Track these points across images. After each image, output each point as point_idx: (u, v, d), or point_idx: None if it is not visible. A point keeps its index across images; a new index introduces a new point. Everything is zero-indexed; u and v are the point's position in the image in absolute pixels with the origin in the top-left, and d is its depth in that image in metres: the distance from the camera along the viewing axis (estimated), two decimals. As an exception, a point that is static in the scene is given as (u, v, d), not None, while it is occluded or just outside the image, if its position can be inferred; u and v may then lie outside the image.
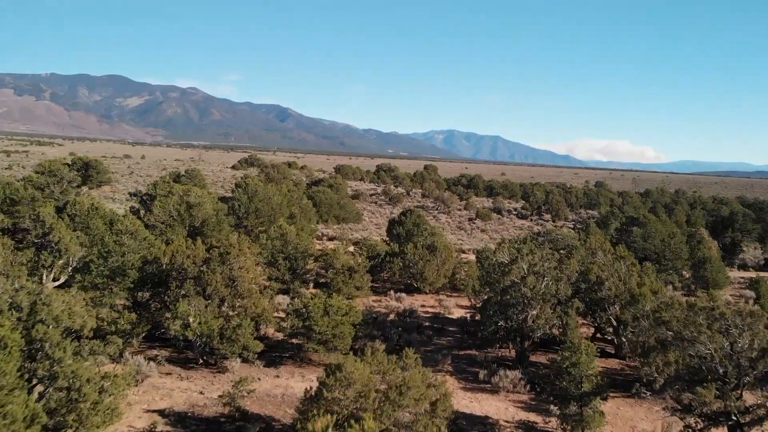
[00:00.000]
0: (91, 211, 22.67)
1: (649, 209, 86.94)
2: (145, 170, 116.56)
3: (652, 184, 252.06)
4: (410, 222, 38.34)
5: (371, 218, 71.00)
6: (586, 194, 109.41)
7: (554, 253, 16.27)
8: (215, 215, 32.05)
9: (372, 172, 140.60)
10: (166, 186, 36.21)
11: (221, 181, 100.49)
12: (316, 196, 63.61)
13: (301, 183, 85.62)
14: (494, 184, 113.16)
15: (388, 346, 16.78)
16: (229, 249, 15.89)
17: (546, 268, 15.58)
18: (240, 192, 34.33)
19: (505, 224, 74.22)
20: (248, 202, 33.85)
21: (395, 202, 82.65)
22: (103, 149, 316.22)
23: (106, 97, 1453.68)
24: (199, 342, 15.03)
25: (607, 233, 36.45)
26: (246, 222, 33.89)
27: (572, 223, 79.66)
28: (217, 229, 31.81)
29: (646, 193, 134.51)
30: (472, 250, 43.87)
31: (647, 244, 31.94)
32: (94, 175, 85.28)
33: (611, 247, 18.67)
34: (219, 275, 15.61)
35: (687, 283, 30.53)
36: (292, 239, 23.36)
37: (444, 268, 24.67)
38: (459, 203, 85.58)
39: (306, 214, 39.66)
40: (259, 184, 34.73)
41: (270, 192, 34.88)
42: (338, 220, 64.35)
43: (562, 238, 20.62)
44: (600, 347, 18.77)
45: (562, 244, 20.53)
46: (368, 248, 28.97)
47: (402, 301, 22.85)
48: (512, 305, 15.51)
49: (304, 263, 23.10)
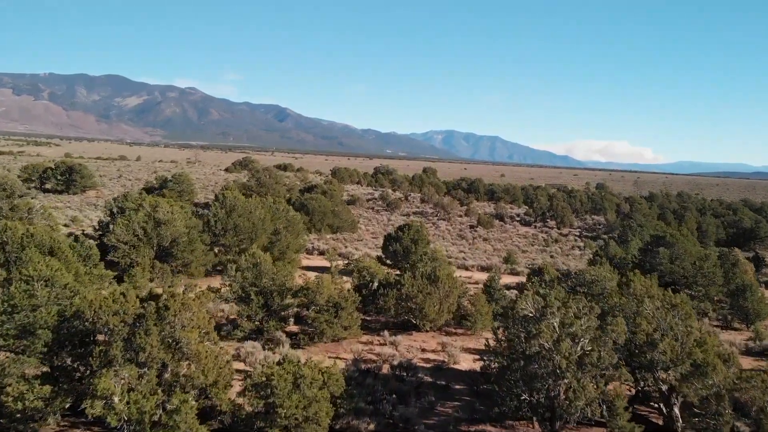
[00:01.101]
0: (26, 238, 18.92)
1: (658, 215, 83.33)
2: (134, 173, 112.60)
3: (654, 186, 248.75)
4: (408, 237, 34.64)
5: (367, 226, 67.19)
6: (590, 198, 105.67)
7: (593, 305, 12.59)
8: (187, 233, 28.25)
9: (369, 174, 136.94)
10: (137, 198, 32.37)
11: (212, 185, 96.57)
12: (308, 204, 59.84)
13: (295, 188, 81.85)
14: (495, 188, 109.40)
15: (379, 425, 13.12)
16: (168, 302, 12.10)
17: (585, 329, 11.90)
18: (217, 206, 30.52)
19: (508, 232, 70.41)
20: (226, 218, 30.06)
21: (393, 208, 78.87)
22: (100, 149, 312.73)
23: (105, 97, 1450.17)
24: (127, 430, 11.25)
25: (626, 251, 32.71)
26: (223, 240, 30.10)
27: (578, 231, 75.96)
28: (189, 249, 28.04)
29: (651, 197, 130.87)
30: (477, 266, 40.08)
31: (675, 266, 28.23)
32: (78, 180, 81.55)
33: (659, 291, 14.96)
34: (155, 337, 11.82)
35: (723, 313, 26.82)
36: (267, 270, 19.59)
37: (447, 302, 20.91)
38: (459, 209, 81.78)
39: (294, 228, 35.85)
40: (238, 196, 30.92)
41: (251, 205, 31.06)
42: (332, 229, 60.56)
43: (598, 281, 16.98)
44: (643, 414, 15.15)
45: (598, 287, 16.84)
46: (359, 273, 25.20)
47: (397, 347, 19.05)
48: (540, 376, 11.85)
49: (281, 299, 19.30)
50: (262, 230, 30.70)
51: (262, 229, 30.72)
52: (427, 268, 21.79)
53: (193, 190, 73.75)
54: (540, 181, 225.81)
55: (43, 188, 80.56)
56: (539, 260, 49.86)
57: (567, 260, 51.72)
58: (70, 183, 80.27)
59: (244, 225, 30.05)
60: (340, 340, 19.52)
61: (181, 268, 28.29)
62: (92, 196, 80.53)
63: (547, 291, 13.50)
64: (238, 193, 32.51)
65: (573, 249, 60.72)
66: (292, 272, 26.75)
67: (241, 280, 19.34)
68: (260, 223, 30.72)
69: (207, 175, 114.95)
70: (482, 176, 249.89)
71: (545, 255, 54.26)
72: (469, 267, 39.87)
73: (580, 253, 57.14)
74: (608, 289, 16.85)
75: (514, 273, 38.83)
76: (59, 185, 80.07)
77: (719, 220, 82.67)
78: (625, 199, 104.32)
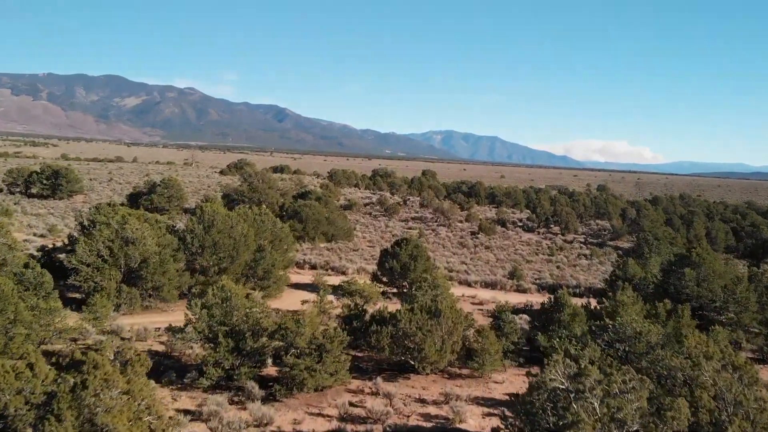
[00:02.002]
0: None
1: (665, 221, 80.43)
2: (126, 176, 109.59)
3: (655, 188, 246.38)
4: (406, 253, 31.67)
5: (364, 233, 64.17)
6: (594, 202, 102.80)
7: (643, 378, 9.71)
8: (159, 252, 25.26)
9: (368, 176, 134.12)
10: (108, 211, 29.36)
11: (204, 189, 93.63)
12: (302, 211, 56.82)
13: (289, 192, 78.86)
14: (497, 192, 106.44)
15: None
16: (88, 375, 9.16)
17: (633, 414, 9.01)
18: (194, 221, 27.54)
19: (511, 238, 67.45)
20: (204, 234, 27.08)
21: (391, 214, 75.88)
22: (97, 150, 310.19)
23: (104, 97, 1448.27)
24: None
25: (645, 270, 29.76)
26: (201, 260, 27.12)
27: (582, 237, 73.08)
28: (160, 271, 25.03)
29: (655, 200, 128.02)
30: (481, 282, 37.06)
31: (703, 290, 25.32)
32: (64, 185, 78.49)
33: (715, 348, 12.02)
34: (71, 425, 8.86)
35: (758, 343, 23.92)
36: (238, 305, 16.66)
37: (451, 339, 17.97)
38: (460, 213, 78.80)
39: (282, 242, 32.88)
40: (218, 209, 27.92)
41: (232, 219, 28.09)
42: (327, 238, 57.57)
43: (643, 334, 14.03)
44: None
45: (642, 346, 13.82)
46: (351, 298, 22.23)
47: (392, 400, 16.04)
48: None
49: (254, 341, 16.34)
50: (244, 247, 27.72)
51: (244, 246, 27.74)
52: (427, 297, 18.92)
53: (183, 196, 70.72)
54: (540, 182, 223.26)
55: (29, 193, 77.55)
56: (546, 272, 46.93)
57: (575, 272, 48.77)
58: (56, 188, 77.27)
59: (224, 242, 27.07)
60: (324, 389, 16.55)
61: (152, 291, 25.34)
62: (79, 201, 77.61)
63: (579, 351, 10.58)
64: (219, 205, 29.48)
65: (579, 258, 57.83)
66: (273, 303, 23.79)
67: (207, 318, 16.41)
68: (242, 240, 27.74)
69: (200, 178, 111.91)
70: (482, 177, 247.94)
71: (551, 266, 51.34)
72: (472, 283, 36.85)
73: (587, 262, 54.25)
74: (653, 343, 13.88)
75: (521, 290, 35.87)
76: (45, 190, 77.06)
77: (728, 225, 79.89)
78: (631, 204, 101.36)
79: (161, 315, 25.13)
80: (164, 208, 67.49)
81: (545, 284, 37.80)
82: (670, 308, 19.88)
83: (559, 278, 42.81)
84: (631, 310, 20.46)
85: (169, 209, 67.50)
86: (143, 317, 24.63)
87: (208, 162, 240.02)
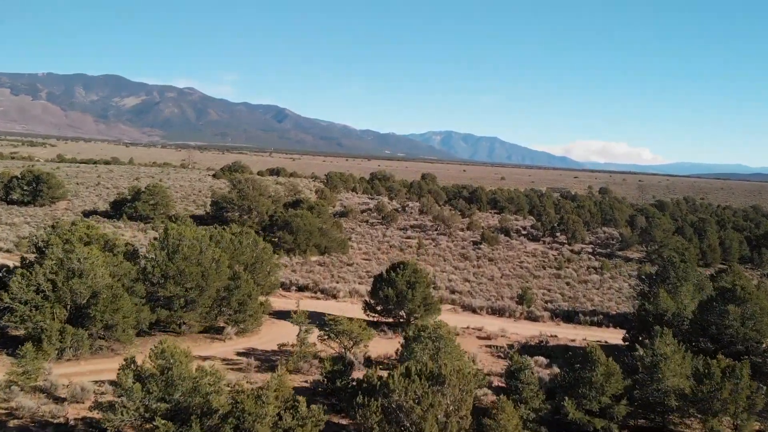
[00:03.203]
0: None
1: (676, 229, 76.55)
2: (115, 180, 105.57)
3: (657, 190, 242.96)
4: (402, 280, 27.82)
5: (360, 243, 60.30)
6: (600, 208, 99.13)
7: None
8: (111, 286, 21.41)
9: (366, 179, 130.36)
10: (64, 232, 25.53)
11: (195, 194, 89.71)
12: (293, 221, 53.05)
13: (281, 199, 75.03)
14: (499, 197, 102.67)
15: None
16: None
17: None
18: (156, 246, 23.67)
19: (515, 249, 63.69)
20: (167, 262, 23.24)
21: (389, 221, 72.07)
22: (95, 150, 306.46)
23: (103, 97, 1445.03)
24: None
25: (676, 299, 25.93)
26: (162, 292, 23.24)
27: (590, 246, 69.32)
28: (112, 308, 21.17)
29: (662, 206, 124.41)
30: (487, 308, 33.05)
31: (749, 331, 21.57)
32: (45, 190, 74.65)
33: None
34: None
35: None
36: (183, 376, 12.88)
37: (458, 415, 14.17)
38: (461, 221, 75.02)
39: (263, 266, 29.09)
40: (185, 232, 24.06)
41: (202, 243, 24.25)
42: (320, 250, 53.80)
43: None
44: None
45: None
46: (338, 339, 18.37)
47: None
48: None
49: (201, 426, 12.52)
50: (215, 276, 23.89)
51: (215, 274, 23.91)
52: (427, 354, 15.13)
53: (169, 203, 66.89)
54: (541, 184, 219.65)
55: (9, 199, 73.72)
56: (556, 291, 43.11)
57: (587, 291, 44.96)
58: (37, 194, 73.49)
59: (191, 270, 23.23)
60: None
61: (102, 332, 21.52)
62: (61, 208, 73.79)
63: None
64: (187, 226, 25.59)
65: (588, 271, 54.13)
66: (249, 341, 19.88)
67: (141, 395, 12.64)
68: (213, 267, 23.91)
69: (192, 182, 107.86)
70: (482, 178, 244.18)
71: (560, 282, 47.55)
72: (477, 309, 32.91)
73: (598, 278, 50.45)
74: None
75: (533, 318, 31.97)
76: (25, 196, 73.29)
77: (741, 234, 76.14)
78: (638, 210, 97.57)
79: (113, 360, 21.27)
80: (148, 216, 63.76)
81: (558, 310, 33.91)
82: (725, 366, 16.15)
83: (572, 300, 38.95)
84: (674, 365, 16.70)
85: (153, 218, 63.77)
86: (92, 363, 20.85)
87: (206, 163, 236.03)
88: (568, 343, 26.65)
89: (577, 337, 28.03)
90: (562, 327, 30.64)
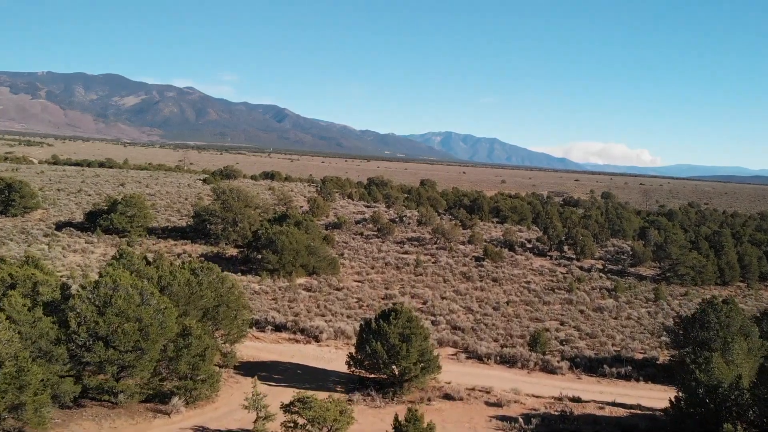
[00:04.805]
0: None
1: (691, 243, 71.51)
2: (100, 185, 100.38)
3: (660, 194, 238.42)
4: (395, 332, 22.96)
5: (353, 260, 55.25)
6: (607, 218, 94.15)
7: None
8: (16, 357, 16.50)
9: (363, 185, 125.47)
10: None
11: (180, 202, 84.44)
12: (277, 240, 48.10)
13: (270, 210, 70.09)
14: (501, 206, 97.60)
15: None
16: None
17: None
18: (82, 297, 18.78)
19: (520, 265, 58.77)
20: (96, 318, 18.40)
21: (385, 234, 67.14)
22: (93, 150, 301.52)
23: (103, 96, 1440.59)
24: None
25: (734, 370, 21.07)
26: (89, 357, 18.33)
27: (600, 262, 64.33)
28: (16, 385, 16.25)
29: (670, 215, 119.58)
30: (495, 356, 27.94)
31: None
32: (18, 200, 69.57)
33: None
34: None
35: None
36: None
37: None
38: (462, 233, 70.09)
39: (229, 310, 24.18)
40: (122, 277, 19.19)
41: (143, 291, 19.38)
42: (307, 271, 48.90)
43: None
44: None
45: None
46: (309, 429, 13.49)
47: None
48: None
49: None
50: (158, 333, 19.03)
51: (159, 331, 19.05)
52: None
53: (147, 215, 61.82)
54: (542, 188, 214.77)
55: (-24, 210, 68.71)
56: (570, 325, 38.23)
57: (604, 321, 40.02)
58: (8, 203, 68.44)
59: (127, 328, 18.38)
60: None
61: (6, 414, 16.73)
62: (35, 219, 68.77)
63: None
64: (125, 271, 20.61)
65: (602, 293, 49.34)
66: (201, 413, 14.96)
67: None
68: (157, 322, 19.06)
69: (180, 187, 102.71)
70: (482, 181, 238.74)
71: (573, 310, 42.67)
72: (484, 357, 27.96)
73: (613, 303, 45.55)
74: None
75: (549, 370, 27.00)
76: (-4, 205, 68.31)
77: (761, 249, 71.29)
78: (649, 222, 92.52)
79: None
80: (125, 229, 58.81)
81: (578, 357, 28.94)
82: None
83: (590, 338, 34.03)
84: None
85: (130, 231, 58.87)
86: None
87: (203, 164, 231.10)
88: (595, 412, 21.76)
89: (605, 400, 23.17)
90: (585, 382, 25.76)
